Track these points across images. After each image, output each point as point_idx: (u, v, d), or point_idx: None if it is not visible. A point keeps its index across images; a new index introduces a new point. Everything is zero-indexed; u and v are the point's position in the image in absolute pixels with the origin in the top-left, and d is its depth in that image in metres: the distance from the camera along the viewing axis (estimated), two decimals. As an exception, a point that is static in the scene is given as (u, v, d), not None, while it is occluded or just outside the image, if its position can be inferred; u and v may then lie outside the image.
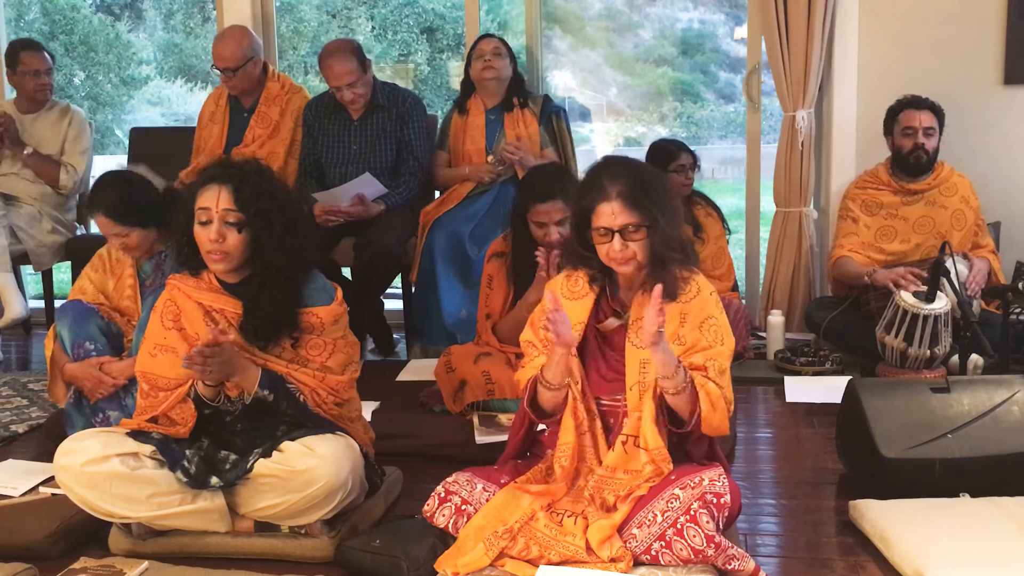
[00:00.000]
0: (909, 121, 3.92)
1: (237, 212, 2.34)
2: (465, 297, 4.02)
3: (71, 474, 2.35)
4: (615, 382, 2.32)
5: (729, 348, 2.31)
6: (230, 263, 2.37)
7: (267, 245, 2.36)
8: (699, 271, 2.38)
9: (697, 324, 2.29)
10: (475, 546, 2.17)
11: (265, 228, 2.35)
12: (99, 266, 3.22)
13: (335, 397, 2.45)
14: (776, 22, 4.23)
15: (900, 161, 3.99)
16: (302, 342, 2.43)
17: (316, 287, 2.46)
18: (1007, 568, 2.16)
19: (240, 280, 2.43)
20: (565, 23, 9.90)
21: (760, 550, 2.43)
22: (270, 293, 2.37)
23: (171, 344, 2.44)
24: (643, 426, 2.24)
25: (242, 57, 4.25)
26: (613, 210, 2.23)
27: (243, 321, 2.39)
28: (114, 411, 3.03)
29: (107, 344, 3.09)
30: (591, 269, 2.36)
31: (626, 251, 2.24)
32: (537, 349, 2.40)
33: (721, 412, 2.24)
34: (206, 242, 2.35)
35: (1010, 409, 2.65)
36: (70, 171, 4.59)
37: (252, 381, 2.36)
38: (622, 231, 2.23)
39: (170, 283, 2.49)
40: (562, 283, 2.42)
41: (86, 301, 3.14)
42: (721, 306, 2.36)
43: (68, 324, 3.11)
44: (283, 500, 2.33)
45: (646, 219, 2.24)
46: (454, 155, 4.40)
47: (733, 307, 4.10)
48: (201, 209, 2.36)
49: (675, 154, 4.30)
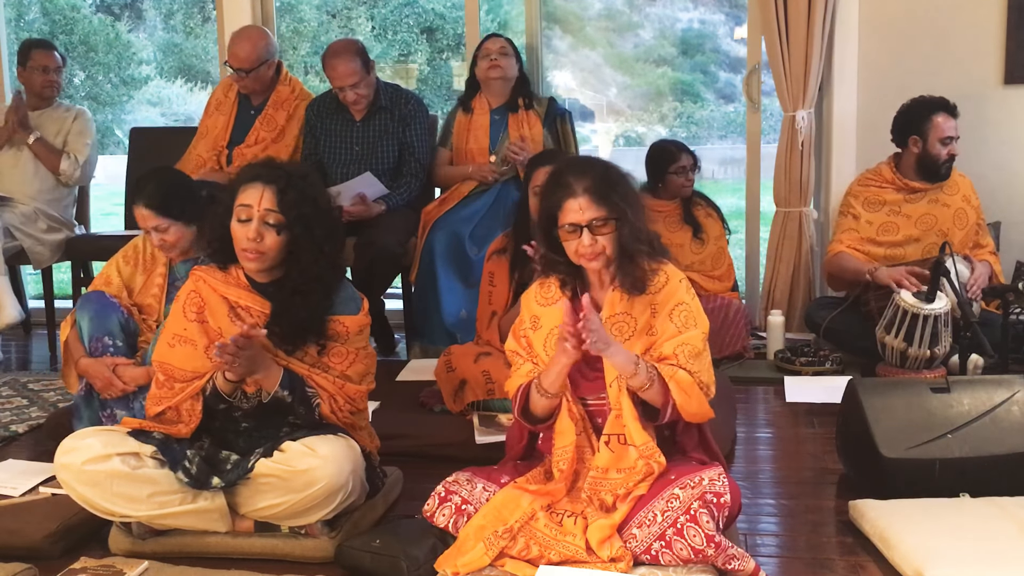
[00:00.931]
0: (947, 130, 3.85)
1: (279, 214, 2.34)
2: (465, 297, 4.02)
3: (72, 472, 2.34)
4: (596, 381, 2.32)
5: (703, 330, 2.30)
6: (263, 263, 2.37)
7: (306, 250, 2.36)
8: (668, 261, 2.36)
9: (667, 313, 2.29)
10: (475, 546, 2.17)
11: (304, 234, 2.35)
12: (132, 258, 3.14)
13: (352, 406, 2.45)
14: (776, 22, 4.23)
15: (929, 166, 3.92)
16: (326, 349, 2.43)
17: (345, 296, 2.47)
18: (1007, 568, 2.16)
19: (270, 280, 2.42)
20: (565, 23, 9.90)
21: (760, 550, 2.44)
22: (304, 299, 2.37)
23: (191, 336, 2.43)
24: (626, 423, 2.24)
25: (257, 59, 4.26)
26: (580, 205, 2.23)
27: (270, 322, 2.39)
28: (121, 411, 3.01)
29: (125, 341, 3.05)
30: (560, 273, 2.36)
31: (595, 246, 2.24)
32: (522, 357, 2.39)
33: (697, 397, 2.24)
34: (243, 239, 2.34)
35: (1010, 409, 2.65)
36: (72, 159, 4.59)
37: (274, 380, 2.36)
38: (590, 225, 2.23)
39: (195, 274, 2.47)
40: (536, 292, 2.42)
41: (109, 293, 3.07)
42: (692, 291, 2.35)
43: (89, 316, 3.04)
44: (283, 500, 2.33)
45: (614, 212, 2.24)
46: (457, 153, 4.40)
47: (733, 307, 4.11)
48: (242, 206, 2.35)
49: (675, 155, 4.30)
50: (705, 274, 4.29)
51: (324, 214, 2.41)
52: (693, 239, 4.32)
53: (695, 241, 4.32)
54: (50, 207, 4.57)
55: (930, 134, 3.88)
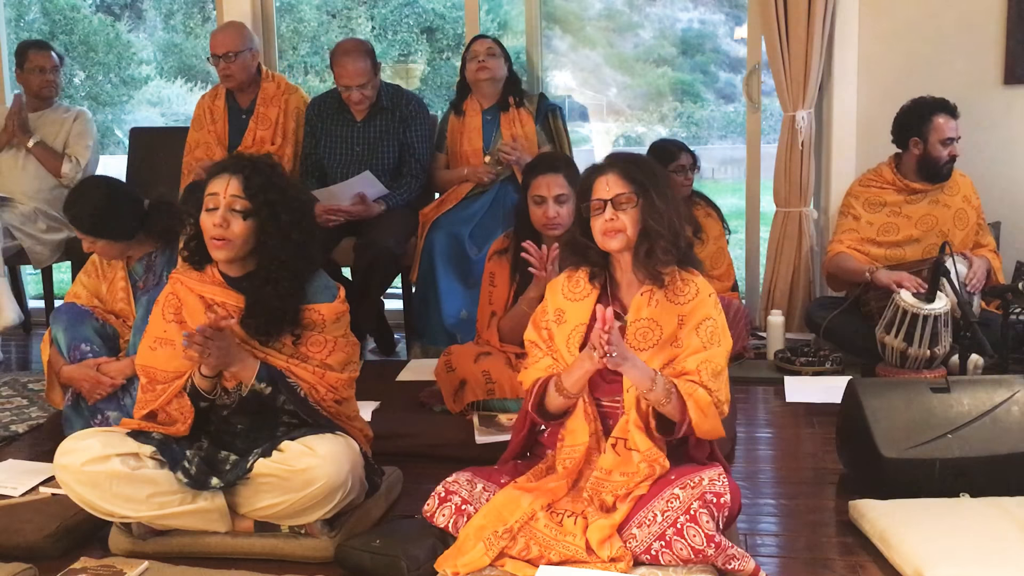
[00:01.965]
0: (948, 131, 3.84)
1: (244, 200, 2.35)
2: (465, 297, 4.02)
3: (71, 473, 2.35)
4: (614, 383, 2.32)
5: (726, 348, 2.32)
6: (231, 250, 2.37)
7: (273, 236, 2.36)
8: (699, 273, 2.38)
9: (694, 326, 2.30)
10: (475, 546, 2.17)
11: (271, 219, 2.36)
12: (91, 271, 3.26)
13: (334, 395, 2.45)
14: (776, 22, 4.23)
15: (929, 167, 3.90)
16: (303, 339, 2.43)
17: (320, 285, 2.47)
18: (1007, 568, 2.16)
19: (244, 274, 2.43)
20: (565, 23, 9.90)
21: (760, 550, 2.44)
22: (274, 287, 2.37)
23: (171, 337, 2.44)
24: (629, 428, 2.25)
25: (242, 44, 4.27)
26: (607, 182, 2.31)
27: (245, 315, 2.39)
28: (113, 411, 3.04)
29: (103, 345, 3.11)
30: (590, 263, 2.37)
31: (616, 221, 2.28)
32: (541, 350, 2.40)
33: (712, 418, 2.25)
34: (210, 227, 2.35)
35: (1010, 409, 2.65)
36: (73, 161, 4.59)
37: (250, 373, 2.36)
38: (613, 200, 2.28)
39: (173, 277, 2.50)
40: (563, 284, 2.42)
41: (80, 304, 3.17)
42: (720, 307, 2.36)
43: (63, 327, 3.14)
44: (283, 499, 2.33)
45: (637, 190, 2.28)
46: (452, 156, 4.40)
47: (733, 307, 4.10)
48: (209, 195, 2.37)
49: (675, 154, 4.30)
50: (704, 274, 4.28)
51: (291, 201, 2.41)
52: (692, 239, 4.31)
53: (694, 241, 4.31)
54: (50, 207, 4.57)
55: (931, 135, 3.86)
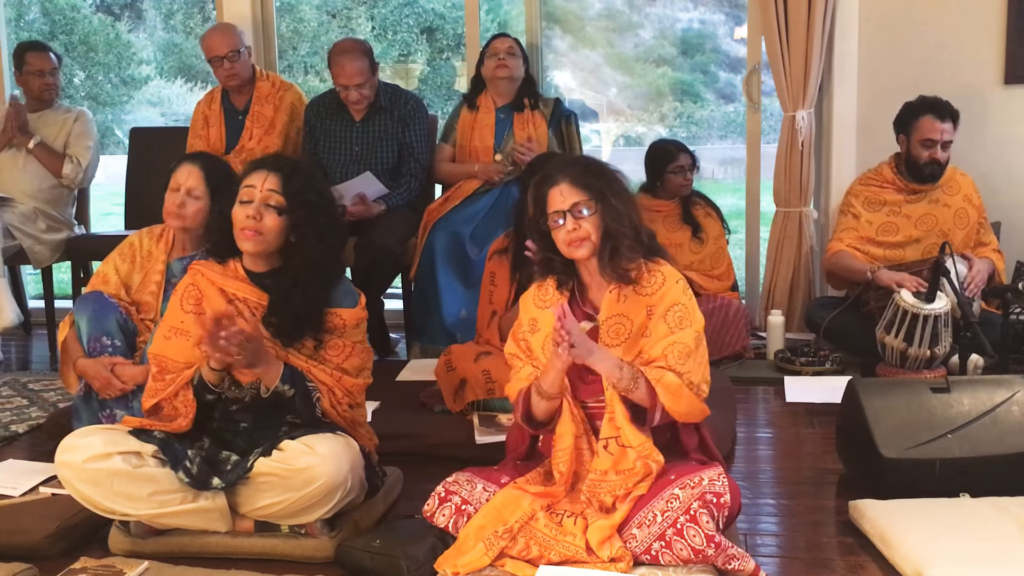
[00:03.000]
0: (929, 132, 3.83)
1: (281, 196, 2.36)
2: (465, 297, 4.02)
3: (72, 470, 2.34)
4: (595, 384, 2.31)
5: (696, 328, 2.29)
6: (260, 244, 2.37)
7: (308, 236, 2.37)
8: (665, 261, 2.37)
9: (662, 314, 2.29)
10: (475, 546, 2.17)
11: (306, 220, 2.37)
12: (128, 256, 3.13)
13: (350, 399, 2.46)
14: (776, 22, 4.23)
15: (911, 167, 3.92)
16: (324, 343, 2.44)
17: (343, 289, 2.48)
18: (1007, 568, 2.16)
19: (267, 271, 2.43)
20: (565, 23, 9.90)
21: (760, 550, 2.44)
22: (303, 290, 2.38)
23: (187, 328, 2.44)
24: (620, 425, 2.24)
25: (240, 43, 4.30)
26: (562, 192, 2.28)
27: (267, 313, 2.40)
28: (121, 411, 3.00)
29: (124, 341, 3.04)
30: (556, 272, 2.37)
31: (578, 231, 2.26)
32: (522, 361, 2.40)
33: (687, 398, 2.24)
34: (243, 218, 2.35)
35: (1010, 409, 2.65)
36: (74, 162, 4.59)
37: (275, 375, 2.36)
38: (572, 210, 2.26)
39: (194, 268, 2.49)
40: (534, 294, 2.42)
41: (107, 293, 3.05)
42: (689, 291, 2.34)
43: (88, 316, 3.03)
44: (283, 498, 2.33)
45: (594, 196, 2.27)
46: (460, 150, 4.39)
47: (733, 307, 4.10)
48: (246, 187, 2.37)
49: (674, 154, 4.30)
50: (704, 274, 4.29)
51: (328, 204, 2.44)
52: (692, 239, 4.32)
53: (694, 241, 4.32)
54: (50, 207, 4.57)
55: (913, 135, 3.88)
